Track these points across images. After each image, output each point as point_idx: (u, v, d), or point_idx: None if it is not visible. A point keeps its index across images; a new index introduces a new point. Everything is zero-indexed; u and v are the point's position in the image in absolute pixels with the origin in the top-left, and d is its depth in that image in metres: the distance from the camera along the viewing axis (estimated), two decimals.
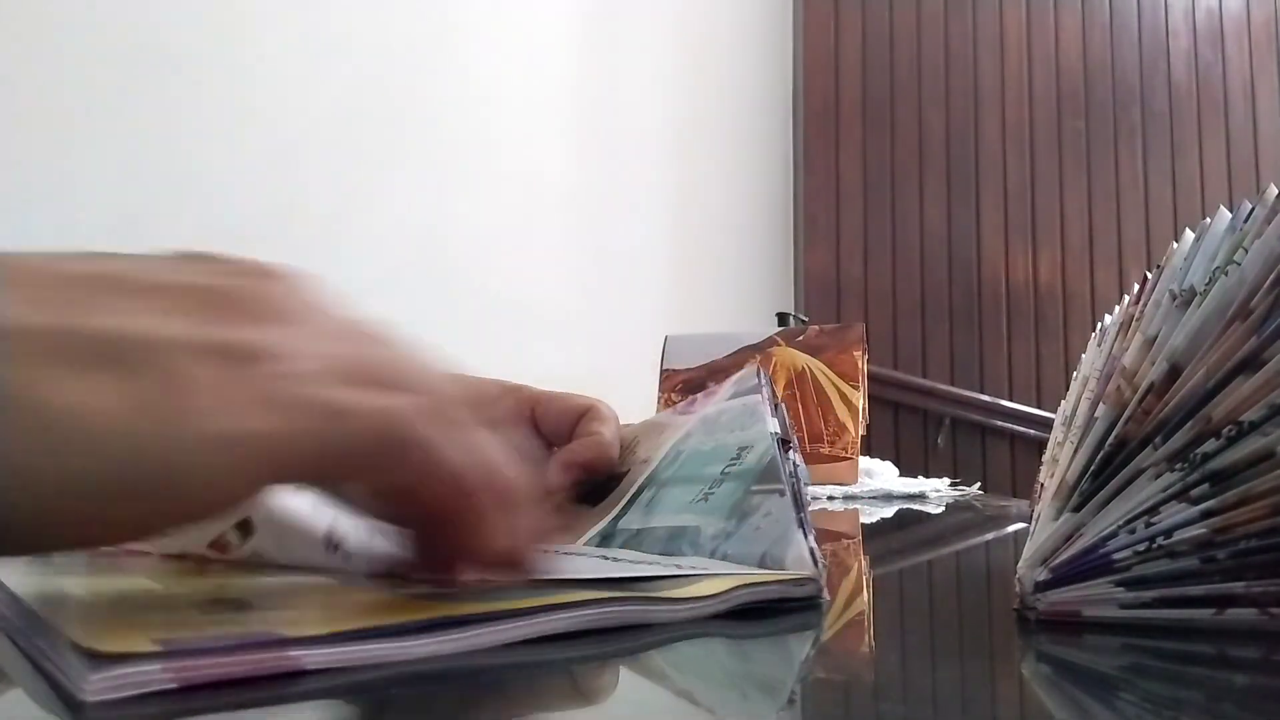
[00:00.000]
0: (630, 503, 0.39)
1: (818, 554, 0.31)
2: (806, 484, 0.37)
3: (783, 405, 0.40)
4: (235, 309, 0.22)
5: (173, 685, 0.18)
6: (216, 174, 0.84)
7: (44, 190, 0.68)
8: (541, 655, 0.23)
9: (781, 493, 0.33)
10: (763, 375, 0.41)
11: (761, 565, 0.31)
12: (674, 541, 0.35)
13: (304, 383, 0.22)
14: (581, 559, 0.34)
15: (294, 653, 0.20)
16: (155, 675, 0.18)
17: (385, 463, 0.22)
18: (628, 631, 0.25)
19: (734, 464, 0.36)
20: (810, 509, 0.33)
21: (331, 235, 0.99)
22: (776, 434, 0.36)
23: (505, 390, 0.45)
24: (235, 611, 0.24)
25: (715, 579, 0.29)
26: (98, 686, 0.18)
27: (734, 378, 0.44)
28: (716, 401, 0.42)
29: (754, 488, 0.34)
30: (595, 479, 0.41)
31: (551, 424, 0.44)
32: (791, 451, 0.36)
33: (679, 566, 0.30)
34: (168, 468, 0.20)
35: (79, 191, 0.71)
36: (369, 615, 0.22)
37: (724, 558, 0.33)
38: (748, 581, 0.29)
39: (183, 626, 0.21)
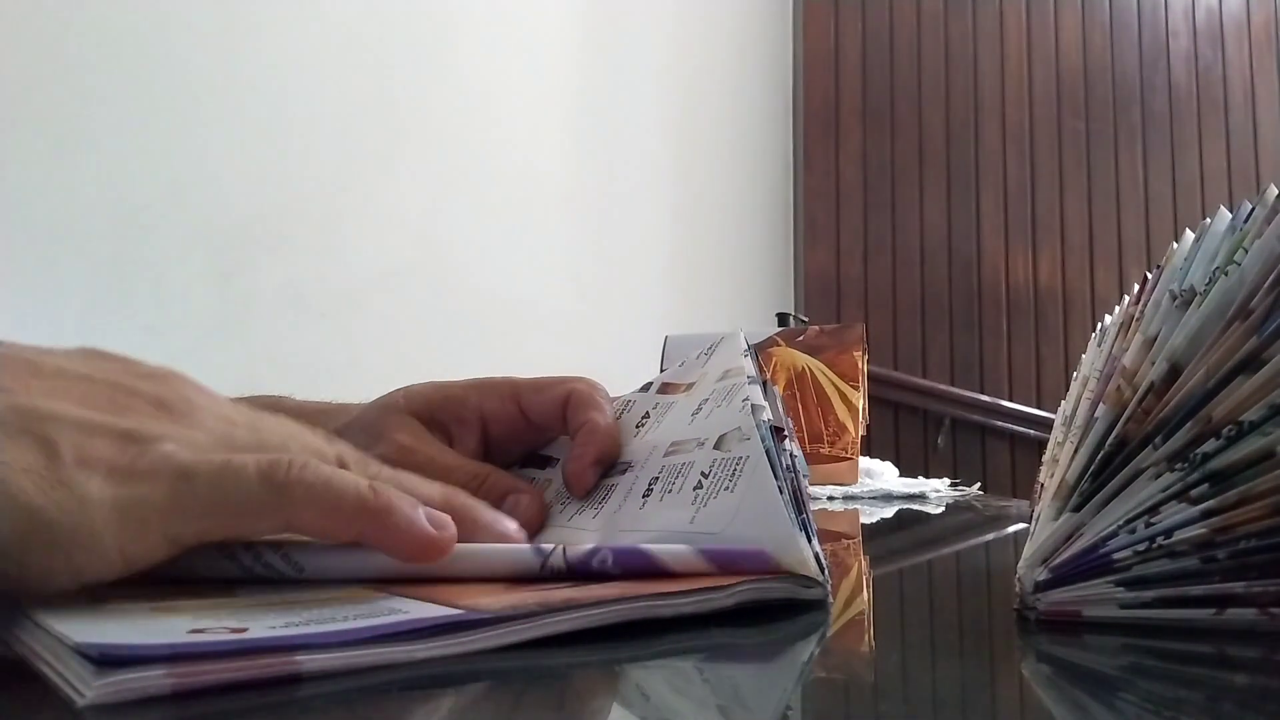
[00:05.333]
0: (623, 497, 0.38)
1: (823, 560, 0.31)
2: (805, 476, 0.35)
3: (774, 387, 0.39)
4: (132, 399, 0.27)
5: (175, 690, 0.18)
6: (215, 174, 0.84)
7: (44, 190, 0.68)
8: (545, 659, 0.23)
9: (729, 487, 0.33)
10: (750, 348, 0.40)
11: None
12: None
13: (192, 453, 0.25)
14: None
15: (296, 657, 0.20)
16: (158, 680, 0.18)
17: (273, 504, 0.25)
18: (632, 631, 0.25)
19: (719, 458, 0.35)
20: (811, 509, 0.33)
21: (330, 235, 0.99)
22: (768, 421, 0.35)
23: (482, 388, 0.45)
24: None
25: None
26: (102, 691, 0.18)
27: (720, 348, 0.42)
28: (703, 384, 0.41)
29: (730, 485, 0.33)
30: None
31: (540, 413, 0.44)
32: (789, 441, 0.35)
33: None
34: (55, 526, 0.22)
35: (79, 191, 0.71)
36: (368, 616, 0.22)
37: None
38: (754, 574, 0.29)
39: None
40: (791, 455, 0.34)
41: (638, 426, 0.43)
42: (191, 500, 0.24)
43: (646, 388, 0.47)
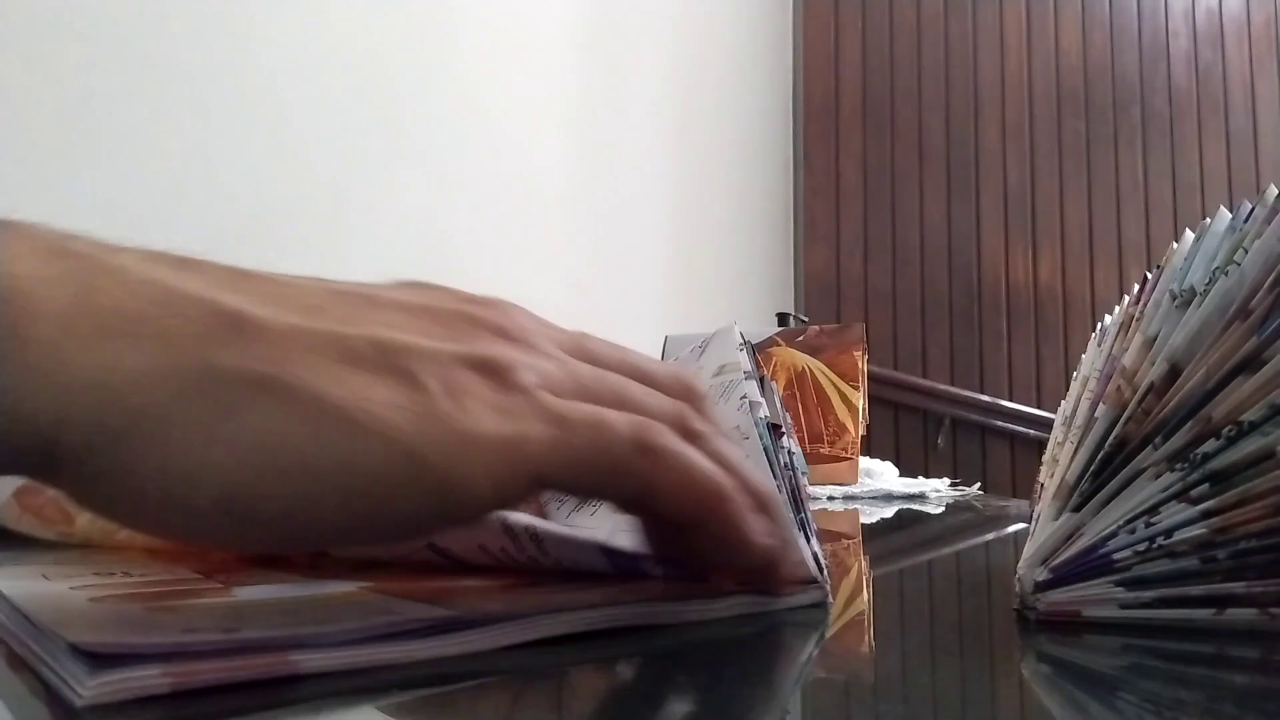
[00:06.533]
0: None
1: (823, 560, 0.31)
2: (804, 473, 0.36)
3: (772, 382, 0.39)
4: (475, 328, 0.24)
5: (173, 689, 0.18)
6: (217, 174, 0.84)
7: (44, 191, 0.68)
8: (543, 659, 0.23)
9: None
10: (745, 342, 0.40)
11: None
12: None
13: (560, 395, 0.24)
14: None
15: (293, 656, 0.20)
16: (154, 679, 0.18)
17: (640, 470, 0.24)
18: (631, 631, 0.25)
19: None
20: (811, 509, 0.33)
21: (331, 235, 0.99)
22: (765, 418, 0.34)
23: None
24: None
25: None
26: (98, 690, 0.18)
27: (714, 343, 0.42)
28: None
29: None
30: None
31: None
32: (786, 439, 0.35)
33: None
34: (432, 466, 0.21)
35: (79, 192, 0.71)
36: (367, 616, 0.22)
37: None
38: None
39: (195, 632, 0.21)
40: (789, 453, 0.34)
41: None
42: (568, 448, 0.23)
43: None
